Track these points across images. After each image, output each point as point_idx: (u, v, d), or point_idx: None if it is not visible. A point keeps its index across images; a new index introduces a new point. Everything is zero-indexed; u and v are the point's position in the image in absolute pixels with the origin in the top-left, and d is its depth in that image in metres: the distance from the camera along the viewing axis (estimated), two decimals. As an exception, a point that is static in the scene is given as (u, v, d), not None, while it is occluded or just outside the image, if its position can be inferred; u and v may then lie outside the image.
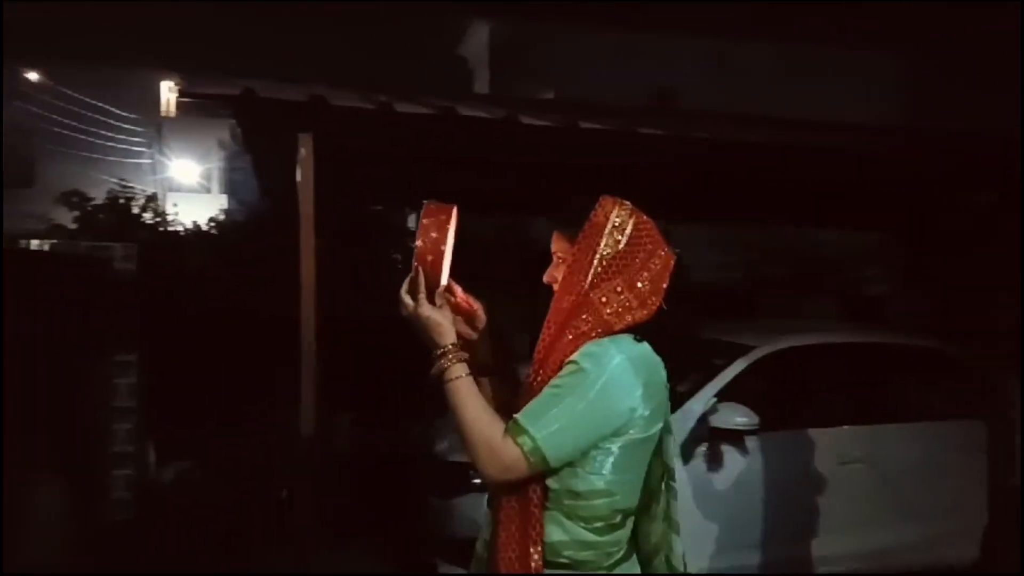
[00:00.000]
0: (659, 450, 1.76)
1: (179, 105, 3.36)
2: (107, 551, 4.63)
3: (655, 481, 1.78)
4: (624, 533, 1.73)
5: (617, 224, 1.71)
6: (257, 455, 5.81)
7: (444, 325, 1.68)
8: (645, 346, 1.71)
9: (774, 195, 5.81)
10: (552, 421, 1.58)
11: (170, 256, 6.65)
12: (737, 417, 4.13)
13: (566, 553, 1.64)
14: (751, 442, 4.25)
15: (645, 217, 1.75)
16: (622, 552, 1.72)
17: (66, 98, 20.68)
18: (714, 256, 9.71)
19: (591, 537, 1.64)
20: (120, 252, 5.51)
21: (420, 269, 1.67)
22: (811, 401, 4.80)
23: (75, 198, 7.54)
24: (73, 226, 7.35)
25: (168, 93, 3.46)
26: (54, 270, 4.94)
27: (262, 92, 3.17)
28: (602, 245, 1.69)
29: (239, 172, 15.98)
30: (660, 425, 1.73)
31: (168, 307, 5.92)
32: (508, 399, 1.76)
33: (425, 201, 1.72)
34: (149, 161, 21.72)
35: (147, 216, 8.26)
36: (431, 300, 1.69)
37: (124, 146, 21.35)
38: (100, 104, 20.76)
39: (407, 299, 1.70)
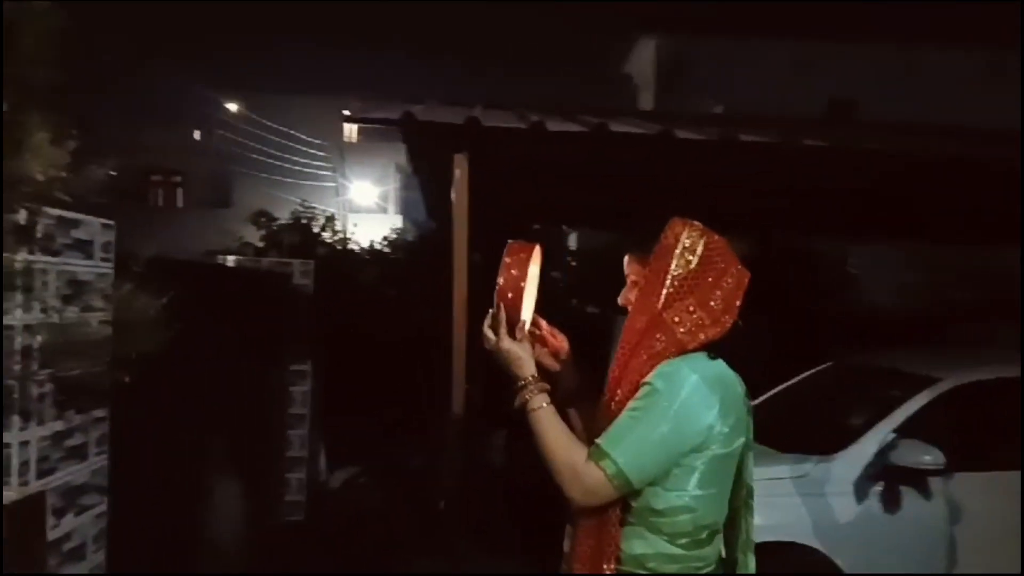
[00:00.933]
0: (740, 467, 1.78)
1: (360, 131, 3.54)
2: (279, 550, 4.91)
3: (736, 499, 1.80)
4: (712, 551, 1.75)
5: (687, 245, 1.74)
6: (418, 465, 5.98)
7: (524, 358, 1.76)
8: (720, 363, 1.73)
9: (963, 212, 5.30)
10: (633, 444, 1.62)
11: (344, 272, 7.03)
12: (922, 455, 3.77)
13: (650, 565, 1.68)
14: (935, 484, 3.87)
15: (716, 237, 1.79)
16: (709, 569, 1.74)
17: (261, 127, 22.55)
18: (896, 277, 9.03)
19: (676, 551, 1.67)
20: (299, 268, 5.88)
21: (501, 305, 1.76)
22: (1005, 441, 4.30)
23: (263, 218, 8.15)
24: (260, 244, 7.93)
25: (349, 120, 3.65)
26: (240, 284, 5.35)
27: (421, 115, 3.29)
28: (673, 266, 1.73)
29: (411, 193, 16.71)
30: (742, 440, 1.75)
31: (341, 320, 6.25)
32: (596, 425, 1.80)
33: (509, 241, 1.83)
34: (332, 184, 23.20)
35: (326, 235, 8.78)
36: (512, 334, 1.76)
37: (311, 170, 22.94)
38: (291, 131, 22.44)
39: (489, 333, 1.79)
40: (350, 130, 3.54)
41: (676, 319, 1.70)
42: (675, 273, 1.73)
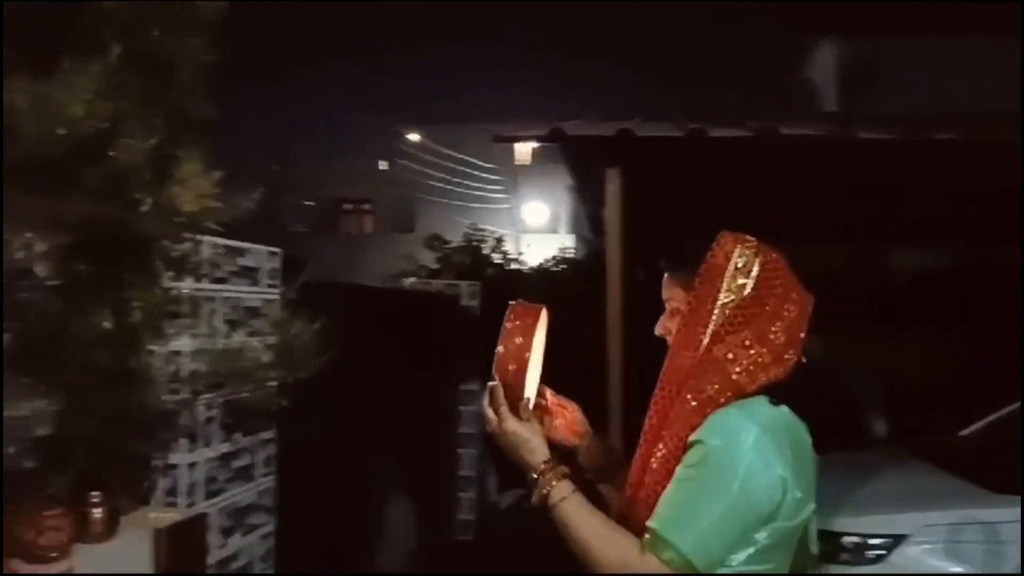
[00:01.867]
0: (804, 533, 1.42)
1: (533, 153, 3.51)
2: (449, 569, 4.94)
3: (797, 569, 1.43)
4: None
5: (740, 266, 1.42)
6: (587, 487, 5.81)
7: (533, 441, 1.47)
8: (784, 410, 1.39)
9: None
10: (694, 524, 1.29)
11: (511, 292, 7.05)
12: None
13: None
14: None
15: (774, 255, 1.46)
16: None
17: (441, 155, 23.53)
18: None
19: None
20: (466, 289, 5.97)
21: (501, 379, 1.49)
22: None
23: (436, 241, 8.41)
24: (435, 266, 8.17)
25: (520, 145, 3.63)
26: (410, 305, 5.49)
27: (571, 130, 3.20)
28: (723, 291, 1.42)
29: (577, 211, 16.72)
30: (811, 507, 1.40)
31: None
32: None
33: (511, 302, 1.58)
34: (507, 206, 23.75)
35: (496, 256, 8.92)
36: (515, 413, 1.47)
37: (486, 193, 23.61)
38: (467, 158, 23.25)
39: (489, 413, 1.50)
40: (521, 154, 3.51)
41: (730, 356, 1.39)
42: (725, 300, 1.42)
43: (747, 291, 1.41)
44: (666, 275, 1.54)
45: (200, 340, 2.38)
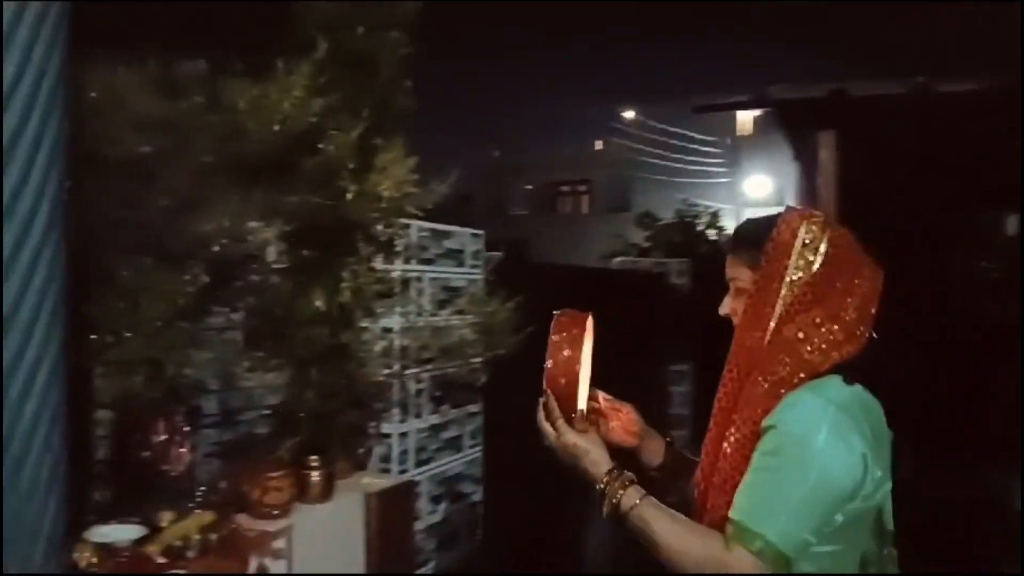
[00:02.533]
0: (880, 511, 1.37)
1: (755, 123, 3.36)
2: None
3: (872, 547, 1.37)
4: None
5: (808, 242, 1.37)
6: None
7: (594, 452, 1.41)
8: (859, 389, 1.34)
9: None
10: (777, 512, 1.26)
11: (722, 270, 6.79)
12: None
13: None
14: None
15: (842, 230, 1.41)
16: None
17: (657, 131, 23.14)
18: None
19: None
20: (675, 267, 5.84)
21: (553, 393, 1.43)
22: None
23: (647, 219, 8.29)
24: (645, 244, 8.06)
25: (742, 115, 3.48)
26: (618, 285, 5.47)
27: (776, 94, 2.98)
28: (791, 269, 1.36)
29: (799, 181, 15.71)
30: (888, 485, 1.36)
31: (720, 320, 6.04)
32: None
33: (555, 312, 1.49)
34: (727, 180, 22.89)
35: (711, 232, 8.63)
36: (571, 425, 1.42)
37: (707, 168, 22.92)
38: (685, 133, 22.68)
39: (547, 428, 1.44)
40: (743, 124, 3.35)
41: (800, 335, 1.34)
42: (794, 278, 1.36)
43: (816, 268, 1.36)
44: (729, 255, 1.48)
45: (409, 318, 2.53)
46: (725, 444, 1.35)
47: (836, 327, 1.34)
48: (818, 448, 1.26)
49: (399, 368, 2.48)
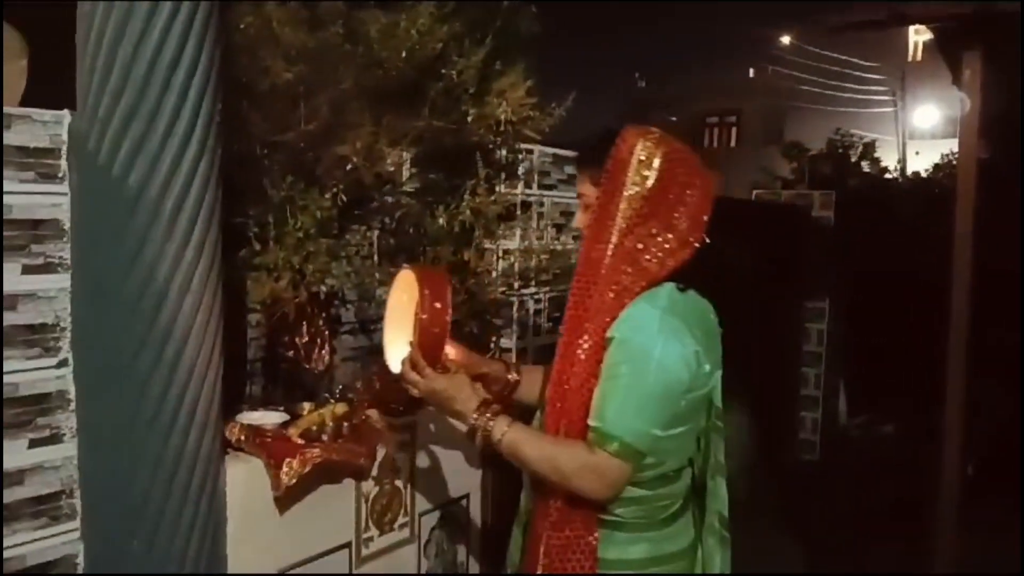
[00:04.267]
0: (710, 392, 1.55)
1: (925, 49, 3.17)
2: (790, 489, 4.86)
3: (704, 423, 1.57)
4: (680, 486, 1.57)
5: (643, 158, 1.48)
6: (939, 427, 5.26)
7: (463, 390, 1.55)
8: (690, 294, 1.51)
9: None
10: (628, 415, 1.42)
11: (875, 204, 6.43)
12: None
13: (617, 511, 1.49)
14: None
15: (677, 144, 1.52)
16: (677, 505, 1.57)
17: (815, 57, 21.74)
18: None
19: (639, 492, 1.49)
20: (819, 199, 5.62)
21: (420, 342, 1.55)
22: None
23: (794, 149, 7.92)
24: (791, 176, 7.73)
25: (914, 37, 3.29)
26: (755, 217, 5.34)
27: (913, 11, 2.77)
28: (628, 184, 1.48)
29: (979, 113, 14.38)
30: (719, 374, 1.54)
31: (867, 257, 5.78)
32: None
33: (406, 266, 1.68)
34: (891, 110, 21.32)
35: (865, 164, 8.15)
36: (436, 370, 1.58)
37: (869, 96, 21.43)
38: (847, 59, 21.20)
39: (414, 377, 1.58)
40: (913, 49, 3.16)
41: (640, 246, 1.47)
42: (631, 192, 1.48)
43: (650, 182, 1.47)
44: (579, 172, 1.59)
45: (528, 241, 2.63)
46: (579, 351, 1.48)
47: (670, 236, 1.46)
48: (655, 353, 1.41)
49: (518, 287, 2.61)
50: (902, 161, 14.54)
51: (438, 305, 1.57)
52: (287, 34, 1.83)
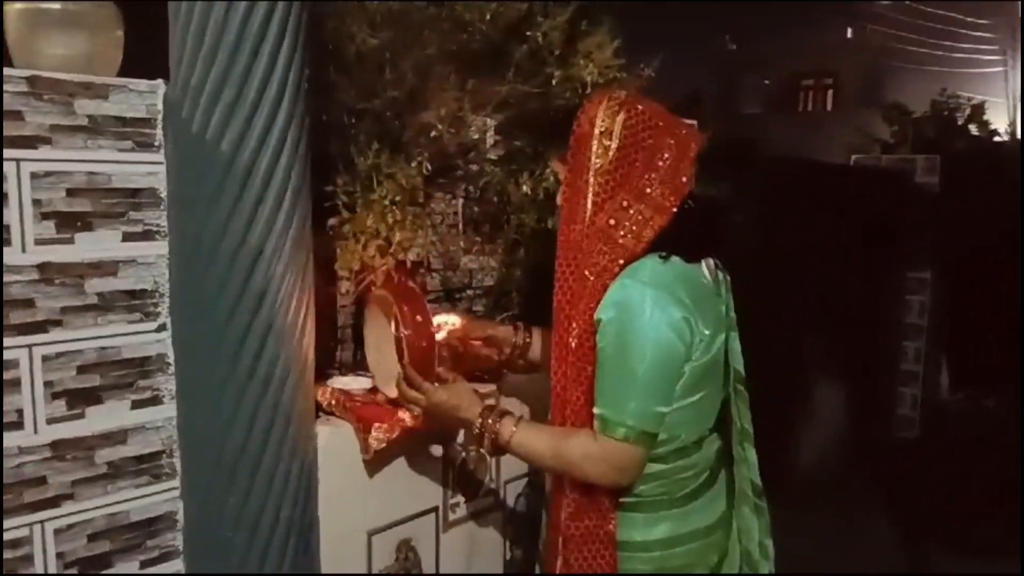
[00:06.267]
0: (726, 354, 1.50)
1: None
2: (887, 467, 4.70)
3: (725, 389, 1.53)
4: (701, 458, 1.51)
5: (604, 128, 1.40)
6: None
7: (464, 399, 1.52)
8: (674, 261, 1.41)
9: None
10: (629, 398, 1.36)
11: (985, 169, 6.05)
12: None
13: (635, 491, 1.45)
14: None
15: (640, 107, 1.41)
16: (702, 479, 1.52)
17: (920, 14, 20.59)
18: None
19: (657, 467, 1.44)
20: (922, 164, 5.34)
21: (411, 359, 1.53)
22: None
23: (895, 112, 7.52)
24: (891, 140, 7.36)
25: None
26: (853, 182, 5.11)
27: None
28: (593, 158, 1.40)
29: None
30: (723, 336, 1.48)
31: (974, 225, 5.46)
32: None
33: (374, 289, 1.66)
34: (1001, 69, 20.04)
35: (973, 126, 7.68)
36: (433, 382, 1.55)
37: (976, 55, 20.21)
38: (953, 16, 20.00)
39: (414, 395, 1.55)
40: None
41: (612, 222, 1.39)
42: (596, 166, 1.39)
43: (612, 152, 1.39)
44: (547, 150, 1.54)
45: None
46: (570, 339, 1.42)
47: (643, 205, 1.37)
48: (645, 328, 1.35)
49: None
50: (1012, 124, 13.69)
51: (419, 318, 1.56)
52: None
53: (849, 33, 24.72)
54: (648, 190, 1.39)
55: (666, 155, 1.40)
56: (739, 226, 2.61)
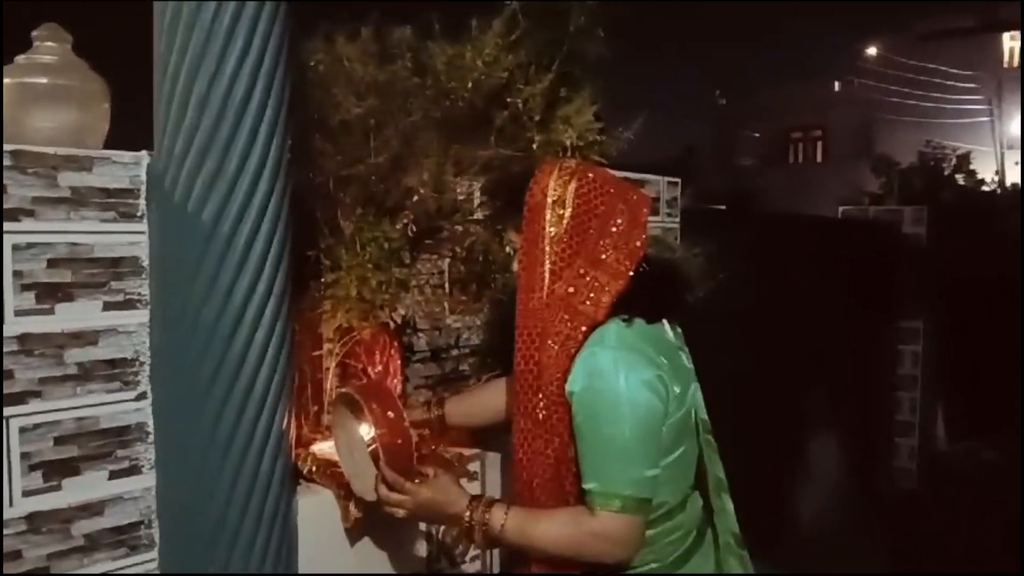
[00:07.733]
0: (696, 415, 1.50)
1: (1021, 55, 3.04)
2: (886, 518, 4.65)
3: (696, 441, 1.51)
4: (687, 517, 1.49)
5: (556, 197, 1.41)
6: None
7: (450, 493, 1.45)
8: (636, 323, 1.40)
9: None
10: (618, 467, 1.34)
11: (970, 218, 6.12)
12: None
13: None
14: None
15: (591, 174, 1.44)
16: (690, 539, 1.49)
17: (903, 67, 21.01)
18: None
19: (646, 533, 1.39)
20: (910, 215, 5.40)
21: (388, 460, 1.46)
22: None
23: (882, 163, 7.63)
24: (879, 191, 7.45)
25: (1008, 42, 3.18)
26: (842, 235, 5.16)
27: (1008, 14, 2.62)
28: (547, 227, 1.41)
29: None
30: (691, 388, 1.49)
31: (961, 274, 5.49)
32: None
33: (341, 390, 1.60)
34: (987, 119, 20.36)
35: (958, 176, 7.78)
36: (414, 480, 1.48)
37: (962, 106, 20.56)
38: (936, 67, 20.41)
39: (397, 498, 1.47)
40: (1009, 55, 3.04)
41: (571, 290, 1.39)
42: (551, 235, 1.40)
43: (566, 221, 1.40)
44: (501, 220, 1.54)
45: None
46: (538, 412, 1.39)
47: (599, 272, 1.37)
48: (620, 393, 1.33)
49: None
50: (1000, 172, 13.87)
51: (391, 414, 1.49)
52: (357, 69, 1.86)
53: (837, 86, 25.23)
54: (603, 256, 1.40)
55: (619, 220, 1.42)
56: (729, 281, 2.61)
